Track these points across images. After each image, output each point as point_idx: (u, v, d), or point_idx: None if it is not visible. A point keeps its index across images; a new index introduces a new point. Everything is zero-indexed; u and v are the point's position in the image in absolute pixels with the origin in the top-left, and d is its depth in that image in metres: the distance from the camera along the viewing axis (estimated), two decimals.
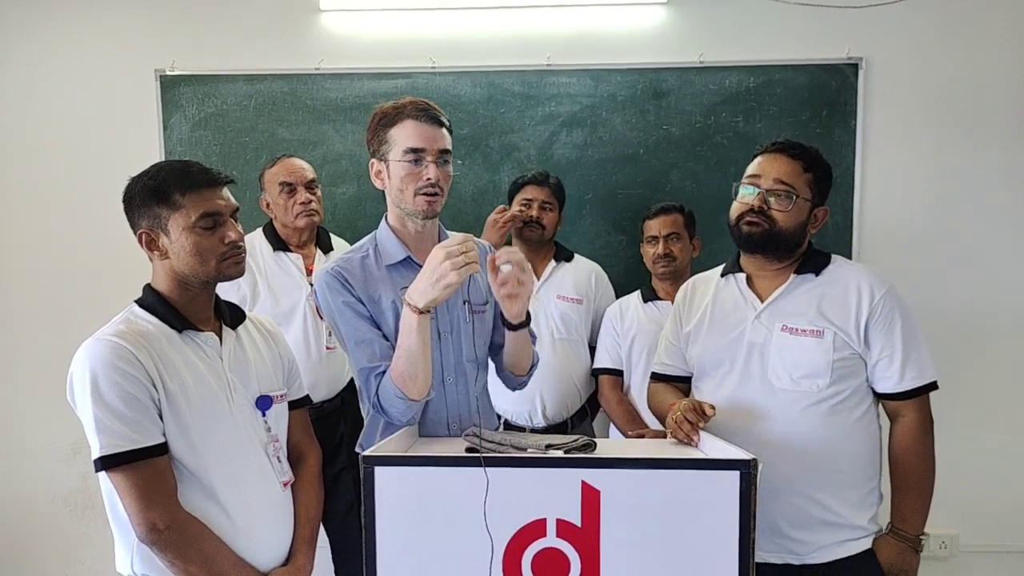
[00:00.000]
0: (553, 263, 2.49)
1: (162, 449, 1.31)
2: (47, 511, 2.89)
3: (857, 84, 2.67)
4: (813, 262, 1.67)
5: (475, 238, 1.48)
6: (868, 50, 2.68)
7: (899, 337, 1.59)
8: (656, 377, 1.90)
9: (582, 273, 2.51)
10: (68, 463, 2.85)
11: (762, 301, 1.68)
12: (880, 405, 1.68)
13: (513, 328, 1.60)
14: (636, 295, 2.45)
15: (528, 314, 1.61)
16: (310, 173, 2.39)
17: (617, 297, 2.53)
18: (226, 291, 2.31)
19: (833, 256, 1.70)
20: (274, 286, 2.32)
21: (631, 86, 2.73)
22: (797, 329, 1.61)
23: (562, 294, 2.44)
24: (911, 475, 1.63)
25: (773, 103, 2.70)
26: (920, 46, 2.68)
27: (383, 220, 1.67)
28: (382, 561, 1.26)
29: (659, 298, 2.41)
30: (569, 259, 2.53)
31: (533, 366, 1.76)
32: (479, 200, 2.77)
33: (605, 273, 2.58)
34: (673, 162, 2.74)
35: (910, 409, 1.63)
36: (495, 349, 1.76)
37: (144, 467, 1.28)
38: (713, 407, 1.53)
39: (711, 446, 1.44)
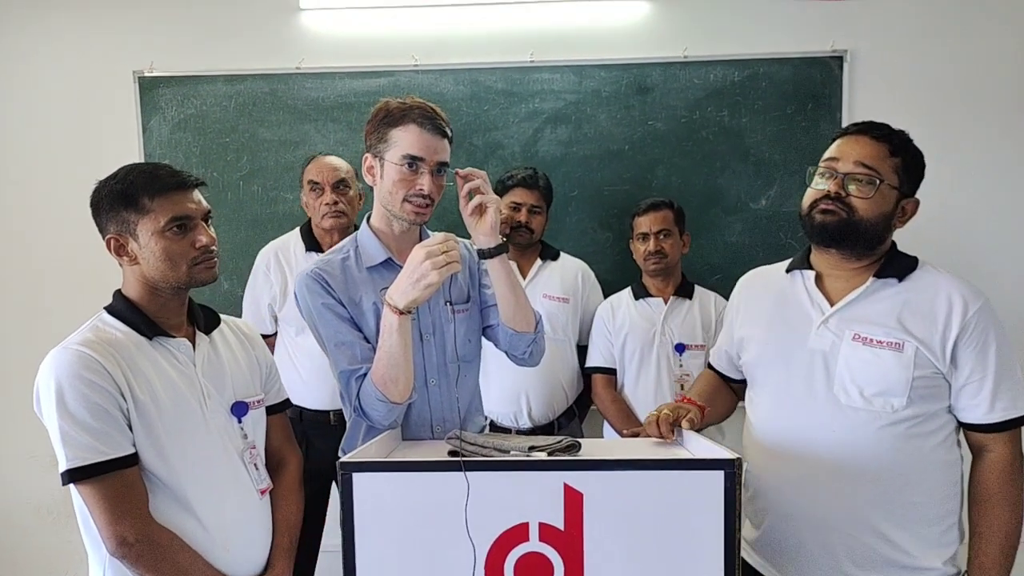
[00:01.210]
0: (539, 262, 2.46)
1: (131, 460, 1.28)
2: (29, 521, 2.86)
3: (842, 77, 2.66)
4: (897, 265, 1.46)
5: (456, 237, 1.45)
6: (852, 42, 2.67)
7: (992, 360, 1.38)
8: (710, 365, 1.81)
9: (568, 272, 2.49)
10: (49, 472, 2.79)
11: (831, 304, 1.48)
12: (961, 434, 1.47)
13: (491, 255, 1.53)
14: (627, 292, 2.44)
15: (505, 240, 1.55)
16: (341, 173, 2.35)
17: (604, 295, 2.52)
18: (259, 291, 2.33)
19: (921, 261, 1.49)
20: None
21: (615, 82, 2.70)
22: (872, 340, 1.41)
23: (548, 293, 2.41)
24: (994, 520, 1.41)
25: (758, 97, 2.68)
26: (904, 38, 2.67)
27: (364, 222, 1.65)
28: (362, 570, 1.23)
29: (650, 295, 2.39)
30: (555, 257, 2.50)
31: (538, 323, 1.66)
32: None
33: (592, 271, 2.56)
34: (659, 158, 2.72)
35: (998, 444, 1.41)
36: (493, 332, 1.70)
37: (113, 479, 1.25)
38: (693, 420, 1.47)
39: (696, 445, 1.42)
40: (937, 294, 1.42)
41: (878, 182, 1.40)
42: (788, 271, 1.58)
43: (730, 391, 1.76)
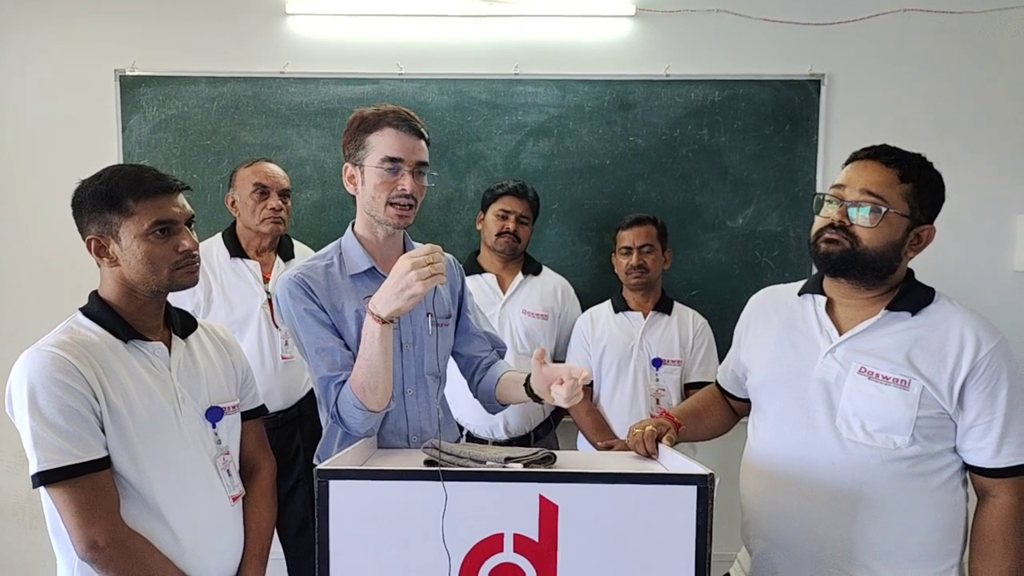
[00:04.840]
0: (521, 276, 2.48)
1: (103, 464, 1.26)
2: None
3: (819, 100, 2.73)
4: (911, 298, 1.41)
5: (441, 249, 1.46)
6: (830, 67, 2.73)
7: (1002, 403, 1.33)
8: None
9: (548, 287, 2.51)
10: (15, 473, 2.76)
11: (840, 333, 1.43)
12: (967, 475, 1.42)
13: (535, 400, 1.60)
14: (607, 305, 2.46)
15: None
16: (285, 182, 2.35)
17: (582, 308, 2.54)
18: (181, 298, 2.27)
19: (938, 294, 1.43)
20: (229, 293, 2.27)
21: (598, 97, 2.74)
22: (878, 374, 1.37)
23: (528, 309, 2.43)
24: (994, 568, 1.35)
25: (737, 117, 2.73)
26: (880, 64, 2.74)
27: (349, 228, 1.64)
28: None
29: (630, 308, 2.42)
30: (537, 272, 2.52)
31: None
32: (445, 208, 2.76)
33: (571, 285, 2.58)
34: (639, 173, 2.76)
35: (1003, 490, 1.36)
36: (466, 361, 1.75)
37: (84, 482, 1.23)
38: (671, 438, 1.49)
39: (671, 460, 1.44)
40: (950, 331, 1.37)
41: (883, 211, 1.36)
42: (800, 294, 1.54)
43: (729, 410, 1.74)
